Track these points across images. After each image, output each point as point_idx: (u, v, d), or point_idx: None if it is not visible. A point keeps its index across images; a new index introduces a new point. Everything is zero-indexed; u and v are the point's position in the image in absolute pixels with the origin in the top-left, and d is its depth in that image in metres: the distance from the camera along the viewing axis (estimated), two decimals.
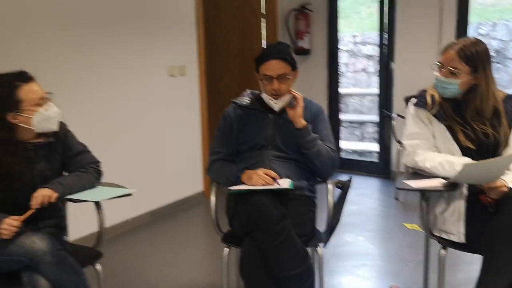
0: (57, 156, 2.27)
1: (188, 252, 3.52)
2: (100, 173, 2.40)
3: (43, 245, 1.95)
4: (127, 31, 3.82)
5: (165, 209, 4.28)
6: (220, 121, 2.57)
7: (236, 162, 2.48)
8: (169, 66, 4.22)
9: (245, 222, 2.15)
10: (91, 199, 2.20)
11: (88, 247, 2.38)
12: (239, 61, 5.55)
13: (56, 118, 2.22)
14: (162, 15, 4.13)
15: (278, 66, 2.36)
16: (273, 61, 2.37)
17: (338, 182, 2.39)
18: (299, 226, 2.20)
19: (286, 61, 2.38)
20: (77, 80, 3.50)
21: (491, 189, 2.08)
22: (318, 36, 5.41)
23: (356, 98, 8.03)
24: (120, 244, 3.66)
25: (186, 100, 4.45)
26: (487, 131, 2.26)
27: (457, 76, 2.24)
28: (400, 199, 4.49)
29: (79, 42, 3.49)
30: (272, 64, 2.37)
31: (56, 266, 1.96)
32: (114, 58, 3.75)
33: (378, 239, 3.68)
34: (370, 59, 8.19)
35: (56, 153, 2.27)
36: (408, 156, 2.36)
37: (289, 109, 2.39)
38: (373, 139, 7.39)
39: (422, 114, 2.37)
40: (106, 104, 3.72)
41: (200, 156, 4.63)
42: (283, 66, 2.37)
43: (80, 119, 3.50)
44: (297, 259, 2.10)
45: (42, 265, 1.95)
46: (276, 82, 2.37)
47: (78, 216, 2.61)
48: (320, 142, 2.39)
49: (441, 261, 2.27)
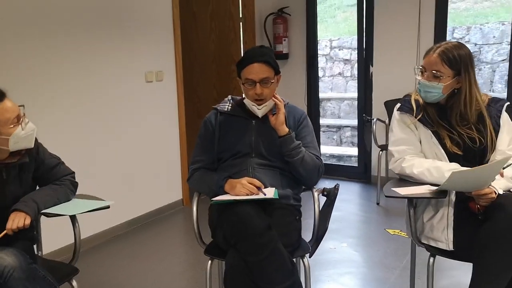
0: (29, 174, 2.16)
1: (169, 263, 3.41)
2: (75, 184, 2.30)
3: (11, 260, 1.83)
4: (102, 37, 3.70)
5: (143, 218, 4.17)
6: (200, 128, 2.48)
7: (218, 170, 2.40)
8: (146, 71, 4.12)
9: (229, 234, 2.07)
10: (66, 213, 2.09)
11: (63, 263, 2.27)
12: (216, 66, 5.49)
13: (32, 135, 2.10)
14: (139, 20, 4.02)
15: (260, 70, 2.28)
16: (256, 65, 2.28)
17: (324, 190, 2.33)
18: (284, 236, 2.12)
19: (269, 64, 2.30)
20: (51, 89, 3.37)
21: (480, 196, 2.04)
22: (297, 40, 5.37)
23: (334, 103, 8.05)
24: (97, 256, 3.53)
25: (163, 106, 4.34)
26: (473, 136, 2.23)
27: (440, 79, 2.21)
28: (381, 204, 4.47)
29: (52, 49, 3.36)
30: (255, 68, 2.28)
31: (27, 281, 1.85)
32: (89, 65, 3.63)
33: (361, 245, 3.63)
34: (347, 63, 8.21)
35: (28, 171, 2.15)
36: (395, 163, 2.32)
37: (271, 116, 2.31)
38: (351, 143, 7.41)
39: (407, 119, 2.33)
40: (81, 112, 3.59)
41: (178, 162, 4.53)
42: (266, 70, 2.29)
43: (55, 128, 3.38)
44: (284, 272, 2.02)
45: (12, 282, 1.82)
46: (259, 87, 2.28)
47: (52, 228, 2.50)
48: (304, 150, 2.32)
49: (429, 269, 2.22)
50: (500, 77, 6.98)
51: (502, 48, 6.98)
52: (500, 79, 6.98)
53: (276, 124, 2.29)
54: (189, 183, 2.47)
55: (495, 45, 7.05)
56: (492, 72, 7.06)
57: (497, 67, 7.02)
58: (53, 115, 3.38)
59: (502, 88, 6.86)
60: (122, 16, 3.87)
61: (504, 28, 6.97)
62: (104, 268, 3.35)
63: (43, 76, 3.31)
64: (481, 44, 7.15)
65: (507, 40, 6.81)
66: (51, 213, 2.09)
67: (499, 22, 7.15)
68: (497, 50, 7.02)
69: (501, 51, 6.98)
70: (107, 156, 3.81)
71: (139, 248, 3.70)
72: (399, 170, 2.30)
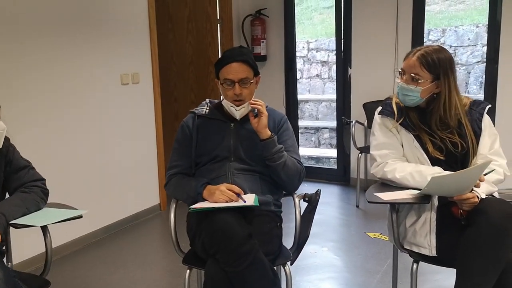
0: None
1: (146, 270, 3.32)
2: (45, 192, 2.20)
3: None
4: (76, 38, 3.59)
5: (119, 224, 4.06)
6: (177, 132, 2.40)
7: (196, 175, 2.32)
8: (121, 74, 4.01)
9: (208, 244, 1.98)
10: (36, 224, 1.99)
11: (34, 275, 2.16)
12: (194, 68, 5.40)
13: (2, 134, 2.02)
14: (114, 21, 3.91)
15: (240, 69, 2.22)
16: (235, 64, 2.22)
17: (305, 195, 2.27)
18: (265, 244, 2.05)
19: (249, 64, 2.24)
20: (24, 90, 3.25)
21: (463, 201, 2.01)
22: (275, 42, 5.33)
23: (312, 104, 8.04)
24: (71, 265, 3.41)
25: (140, 108, 4.24)
26: (455, 141, 2.21)
27: (418, 83, 2.18)
28: (361, 206, 4.45)
29: (26, 51, 3.24)
30: (234, 67, 2.22)
31: None
32: (63, 67, 3.51)
33: (342, 249, 3.59)
34: (324, 65, 8.21)
35: None
36: (377, 167, 2.28)
37: (252, 119, 2.25)
38: (329, 145, 7.40)
39: (388, 123, 2.30)
40: (54, 115, 3.47)
41: (155, 166, 4.43)
42: (245, 70, 2.23)
43: (26, 132, 3.26)
44: (265, 282, 1.95)
45: None
46: (238, 87, 2.22)
47: (22, 238, 2.38)
48: (286, 154, 2.27)
49: (413, 276, 2.18)
50: (475, 79, 7.06)
51: (476, 50, 7.05)
52: (475, 81, 7.06)
53: (259, 127, 2.22)
54: (166, 190, 2.39)
55: (470, 47, 7.13)
56: (467, 74, 7.13)
57: (472, 69, 7.10)
58: (25, 118, 3.26)
59: (477, 90, 6.94)
60: (97, 17, 3.76)
61: (478, 30, 7.05)
62: (78, 278, 3.24)
63: (17, 78, 3.19)
64: (456, 46, 7.22)
65: (482, 42, 6.89)
66: (20, 224, 1.99)
67: (473, 25, 7.23)
68: (472, 52, 7.10)
69: (475, 53, 7.06)
70: (81, 160, 3.69)
71: (114, 255, 3.59)
72: (381, 174, 2.27)
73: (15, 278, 1.82)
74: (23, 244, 2.56)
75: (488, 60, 4.40)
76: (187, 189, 2.23)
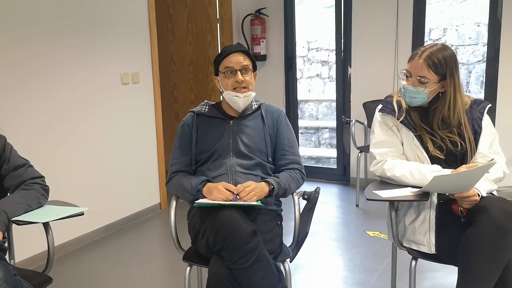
0: None
1: (147, 269, 3.33)
2: (46, 188, 2.21)
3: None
4: (77, 38, 3.60)
5: (120, 223, 4.07)
6: (178, 131, 2.42)
7: (197, 174, 2.34)
8: (122, 73, 4.02)
9: (213, 241, 1.98)
10: (38, 221, 2.00)
11: (36, 272, 2.17)
12: (194, 68, 5.42)
13: None
14: (114, 22, 3.92)
15: (241, 58, 2.30)
16: (236, 54, 2.30)
17: (304, 193, 2.29)
18: (268, 243, 2.06)
19: (248, 55, 2.33)
20: (25, 90, 3.26)
21: (463, 199, 2.02)
22: (275, 42, 5.33)
23: (312, 104, 8.04)
24: (72, 263, 3.43)
25: (140, 108, 4.25)
26: (455, 140, 2.22)
27: (425, 85, 2.18)
28: (360, 206, 4.46)
29: (28, 51, 3.25)
30: (235, 56, 2.29)
31: None
32: (64, 67, 3.52)
33: (341, 248, 3.60)
34: (324, 65, 8.22)
35: None
36: (376, 165, 2.29)
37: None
38: (329, 145, 7.41)
39: (389, 121, 2.31)
40: (56, 114, 3.48)
41: (156, 165, 4.44)
42: (246, 59, 2.31)
43: (27, 131, 3.27)
44: (271, 279, 1.96)
45: None
46: (240, 74, 2.28)
47: (24, 235, 2.40)
48: (285, 181, 2.23)
49: (411, 273, 2.19)
50: (476, 78, 7.06)
51: (477, 49, 7.06)
52: (476, 80, 7.07)
53: (261, 197, 2.15)
54: (167, 187, 2.40)
55: (471, 46, 7.13)
56: (468, 73, 7.14)
57: (473, 68, 7.10)
58: (26, 118, 3.27)
59: (478, 89, 6.95)
60: (97, 18, 3.77)
61: (479, 30, 7.06)
62: (79, 276, 3.25)
63: (17, 78, 3.20)
64: (457, 45, 7.23)
65: (483, 41, 6.89)
66: (23, 220, 2.00)
67: (474, 24, 7.24)
68: (473, 51, 7.10)
69: (476, 52, 7.07)
70: (81, 160, 3.70)
71: (116, 254, 3.60)
72: (381, 172, 2.27)
73: (16, 276, 1.83)
74: (26, 242, 2.58)
75: (489, 59, 4.40)
76: (188, 186, 2.24)
